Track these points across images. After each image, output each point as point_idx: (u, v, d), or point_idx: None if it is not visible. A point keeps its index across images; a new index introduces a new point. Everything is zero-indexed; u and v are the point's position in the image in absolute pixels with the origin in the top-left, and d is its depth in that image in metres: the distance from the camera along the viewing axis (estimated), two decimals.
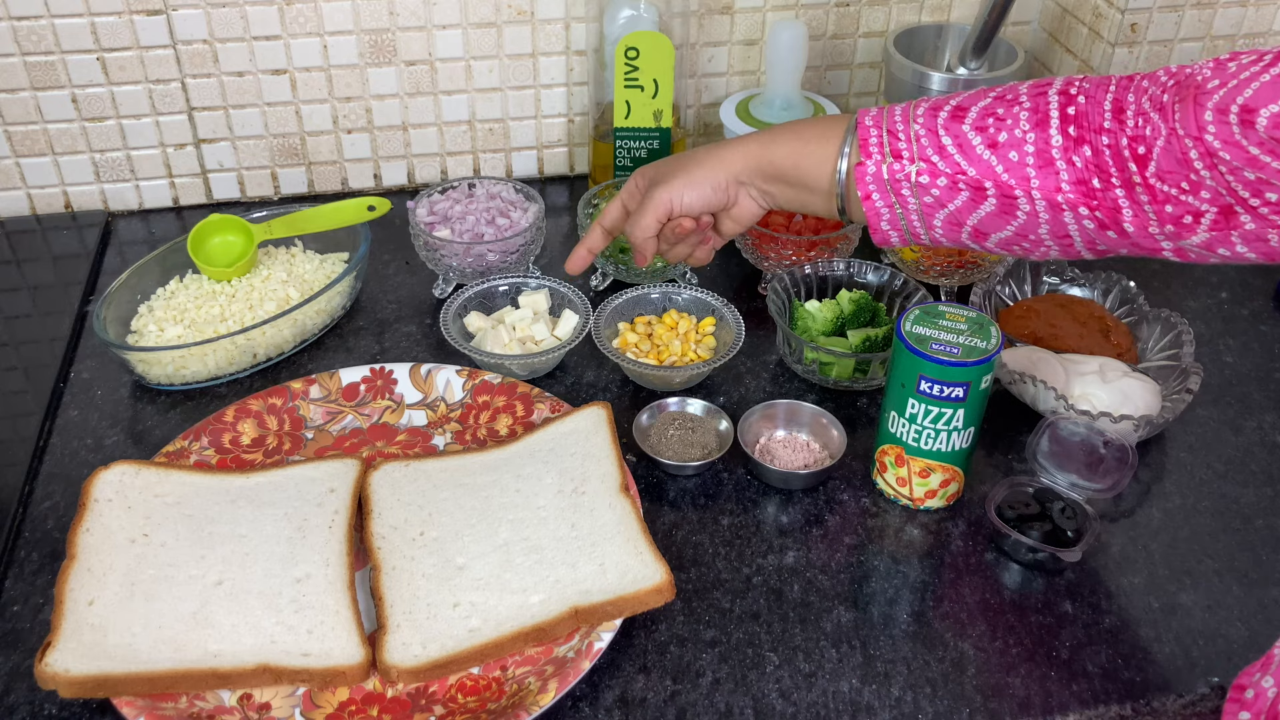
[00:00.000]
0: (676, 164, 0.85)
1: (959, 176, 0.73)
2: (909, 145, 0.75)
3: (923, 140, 0.74)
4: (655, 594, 0.72)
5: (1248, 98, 0.62)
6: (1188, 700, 0.72)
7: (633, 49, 1.06)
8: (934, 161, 0.74)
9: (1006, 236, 0.75)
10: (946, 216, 0.76)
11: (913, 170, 0.75)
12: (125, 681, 0.67)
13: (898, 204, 0.76)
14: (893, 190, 0.76)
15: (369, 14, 1.10)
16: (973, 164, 0.73)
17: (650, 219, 0.84)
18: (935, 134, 0.74)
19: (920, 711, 0.71)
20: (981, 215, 0.75)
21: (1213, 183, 0.65)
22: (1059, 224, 0.73)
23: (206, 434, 0.86)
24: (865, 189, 0.77)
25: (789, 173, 0.81)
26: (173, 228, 1.15)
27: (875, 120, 0.77)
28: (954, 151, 0.73)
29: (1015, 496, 0.82)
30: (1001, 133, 0.72)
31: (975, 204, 0.74)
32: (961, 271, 1.02)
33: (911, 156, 0.75)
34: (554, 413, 0.88)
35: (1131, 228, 0.70)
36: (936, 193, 0.75)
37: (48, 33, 1.05)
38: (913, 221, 0.77)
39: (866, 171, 0.76)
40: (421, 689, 0.71)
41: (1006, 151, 0.72)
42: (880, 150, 0.76)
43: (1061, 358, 0.91)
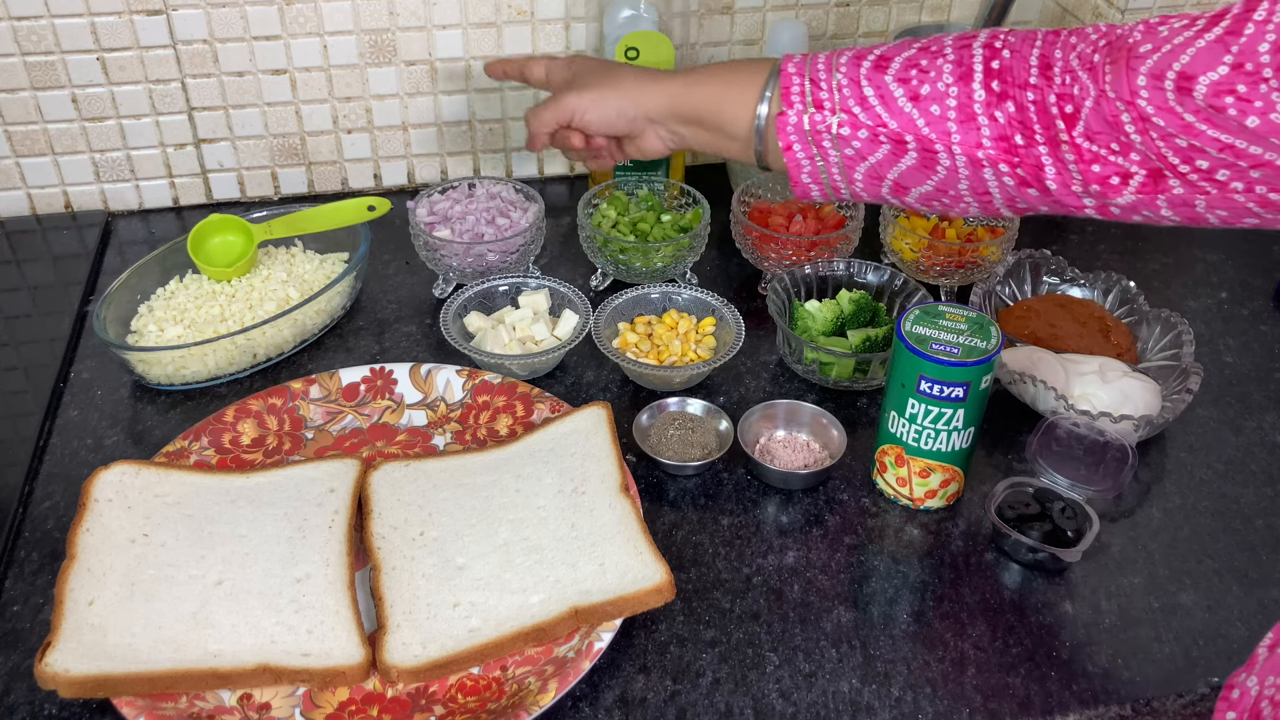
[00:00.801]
0: (601, 76, 0.85)
1: (880, 129, 0.73)
2: (830, 95, 0.74)
3: (845, 90, 0.73)
4: (655, 594, 0.72)
5: (1184, 64, 0.61)
6: (1188, 700, 0.72)
7: (633, 49, 1.06)
8: (855, 113, 0.73)
9: (927, 191, 0.75)
10: (867, 170, 0.75)
11: (834, 121, 0.74)
12: (125, 681, 0.67)
13: (818, 155, 0.76)
14: (814, 141, 0.75)
15: (369, 14, 1.10)
16: (894, 116, 0.72)
17: (549, 117, 0.86)
18: (858, 84, 0.73)
19: (920, 711, 0.71)
20: (902, 169, 0.74)
21: (1143, 147, 0.65)
22: (979, 180, 0.72)
23: (206, 434, 0.86)
24: (786, 139, 0.76)
25: (707, 117, 0.80)
26: (173, 228, 1.15)
27: (798, 67, 0.76)
28: (875, 103, 0.73)
29: (1015, 496, 0.82)
30: (924, 85, 0.71)
31: (896, 158, 0.73)
32: (961, 271, 1.02)
33: (833, 107, 0.74)
34: (554, 413, 0.88)
35: (1054, 185, 0.70)
36: (857, 145, 0.74)
37: (48, 33, 1.05)
38: (833, 174, 0.77)
39: (788, 121, 0.75)
40: (421, 689, 0.71)
41: (928, 105, 0.71)
42: (802, 100, 0.75)
43: (1061, 358, 0.91)
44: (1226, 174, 0.63)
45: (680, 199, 1.10)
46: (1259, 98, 0.59)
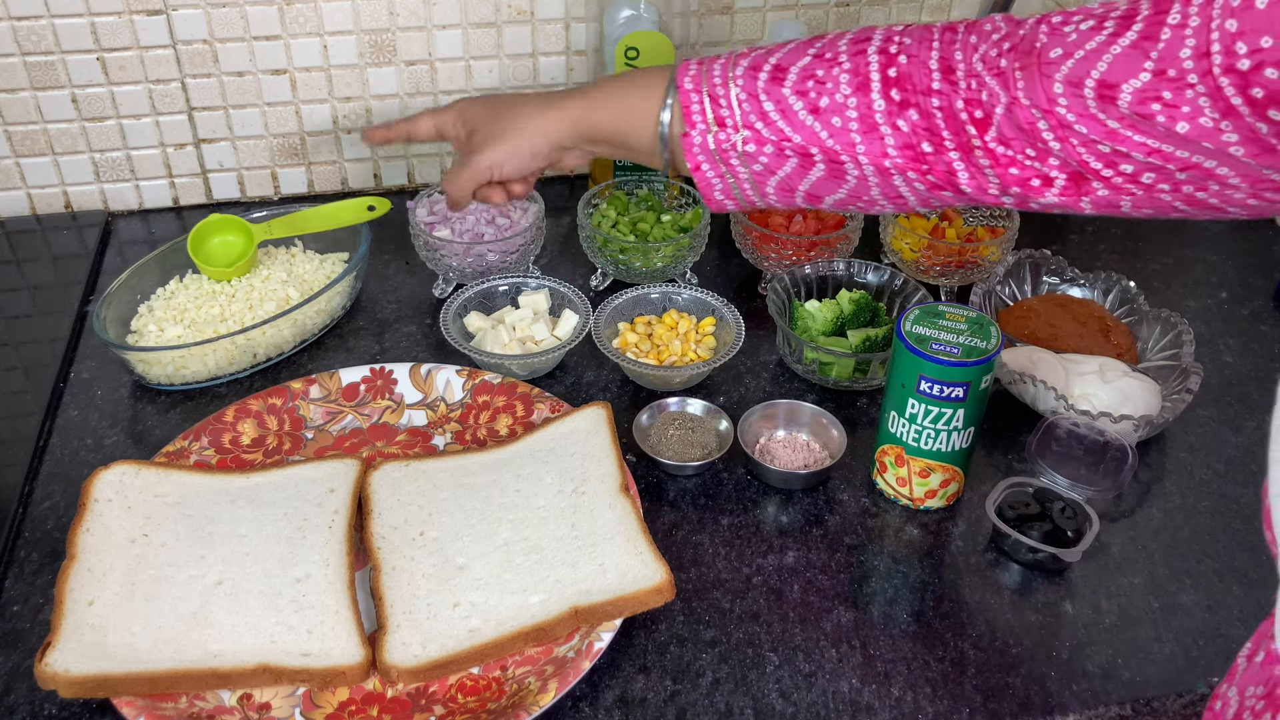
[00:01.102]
0: (500, 122, 0.84)
1: (785, 143, 0.72)
2: (731, 112, 0.73)
3: (745, 106, 0.72)
4: (655, 594, 0.72)
5: (1103, 72, 0.61)
6: (1188, 700, 0.72)
7: (633, 49, 1.06)
8: (758, 129, 0.72)
9: (840, 198, 0.75)
10: (778, 183, 0.74)
11: (738, 139, 0.73)
12: (125, 681, 0.67)
13: (728, 173, 0.75)
14: (721, 160, 0.74)
15: (369, 14, 1.10)
16: (797, 130, 0.71)
17: (467, 181, 0.85)
18: (756, 99, 0.72)
19: (920, 711, 0.71)
20: (812, 180, 0.73)
21: (1062, 153, 0.64)
22: (889, 187, 0.72)
23: (206, 434, 0.86)
24: (694, 159, 0.75)
25: (612, 136, 0.80)
26: (173, 228, 1.15)
27: (695, 82, 0.74)
28: (777, 117, 0.72)
29: (1015, 496, 0.82)
30: (823, 97, 0.70)
31: (805, 170, 0.73)
32: (961, 271, 1.02)
33: (735, 124, 0.73)
34: (554, 413, 0.88)
35: (969, 189, 0.69)
36: (765, 160, 0.73)
37: (48, 33, 1.05)
38: (745, 189, 0.76)
39: (693, 142, 0.74)
40: (421, 689, 0.71)
41: (829, 117, 0.70)
42: (704, 118, 0.74)
43: (1061, 358, 0.91)
44: (1152, 177, 0.63)
45: (680, 199, 1.10)
46: (1186, 103, 0.58)
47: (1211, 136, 0.59)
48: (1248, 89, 0.56)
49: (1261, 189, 0.61)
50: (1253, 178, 0.60)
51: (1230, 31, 0.55)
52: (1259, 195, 0.62)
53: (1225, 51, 0.56)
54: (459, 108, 0.88)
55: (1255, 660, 0.55)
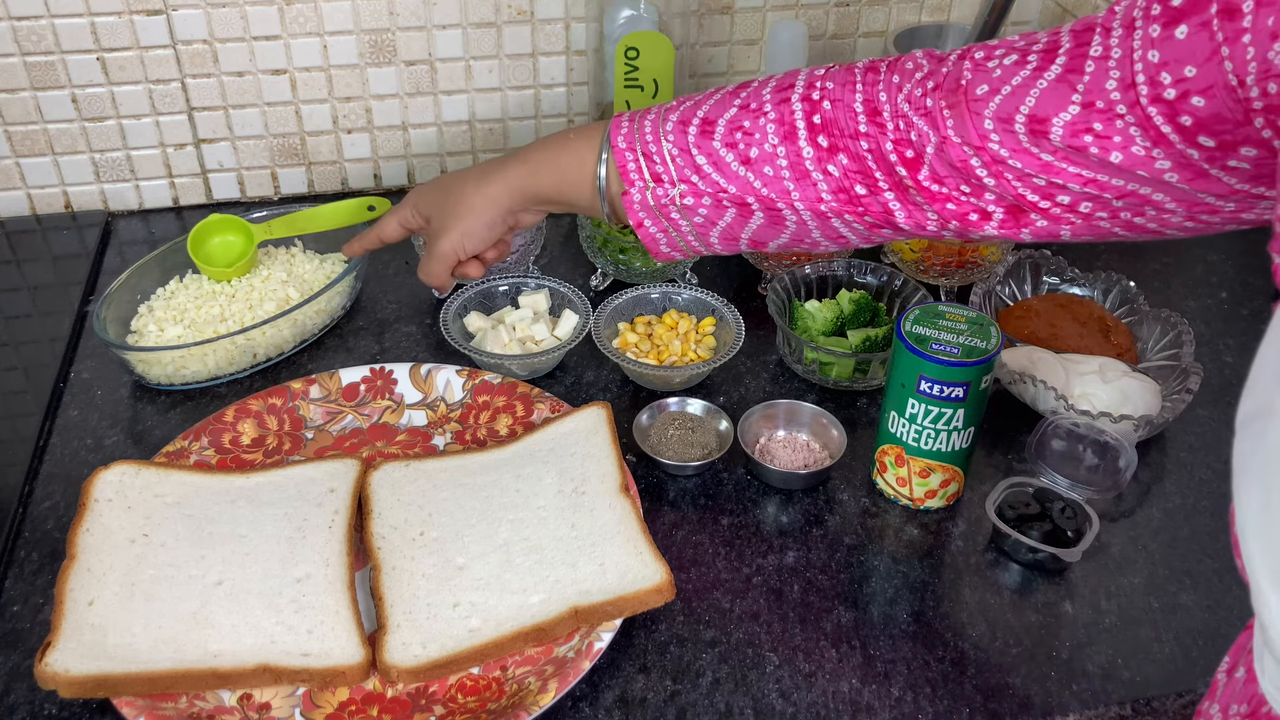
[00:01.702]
0: (449, 206, 0.85)
1: (721, 195, 0.72)
2: (666, 167, 0.74)
3: (678, 161, 0.73)
4: (655, 594, 0.72)
5: (1032, 107, 0.61)
6: (1188, 700, 0.72)
7: (633, 49, 1.06)
8: (694, 182, 0.73)
9: (784, 242, 0.75)
10: (720, 232, 0.76)
11: (675, 194, 0.74)
12: (125, 681, 0.67)
13: (670, 227, 0.76)
14: (662, 215, 0.75)
15: (369, 14, 1.10)
16: (731, 181, 0.72)
17: (440, 270, 0.86)
18: (689, 153, 0.73)
19: (920, 711, 0.71)
20: (753, 228, 0.74)
21: (997, 188, 0.65)
22: (829, 229, 0.72)
23: (206, 434, 0.86)
24: (636, 217, 0.76)
25: (555, 198, 0.81)
26: (173, 228, 1.15)
27: (629, 140, 0.75)
28: (710, 170, 0.72)
29: (1015, 496, 0.82)
30: (752, 148, 0.71)
31: (744, 219, 0.74)
32: (961, 271, 1.02)
33: (671, 179, 0.74)
34: (554, 413, 0.88)
35: (907, 225, 0.70)
36: (704, 212, 0.74)
37: (48, 33, 1.05)
38: (690, 241, 0.77)
39: (632, 200, 0.75)
40: (421, 689, 0.71)
41: (761, 166, 0.71)
42: (640, 175, 0.75)
43: (1061, 358, 0.91)
44: (1090, 206, 0.63)
45: None
46: (1117, 133, 0.58)
47: (1145, 165, 0.59)
48: (1176, 117, 0.56)
49: (1197, 212, 0.62)
50: (1188, 201, 0.61)
51: (1153, 62, 0.56)
52: (1194, 218, 0.62)
53: (1150, 82, 0.56)
54: (412, 201, 0.89)
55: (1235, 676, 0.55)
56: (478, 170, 0.85)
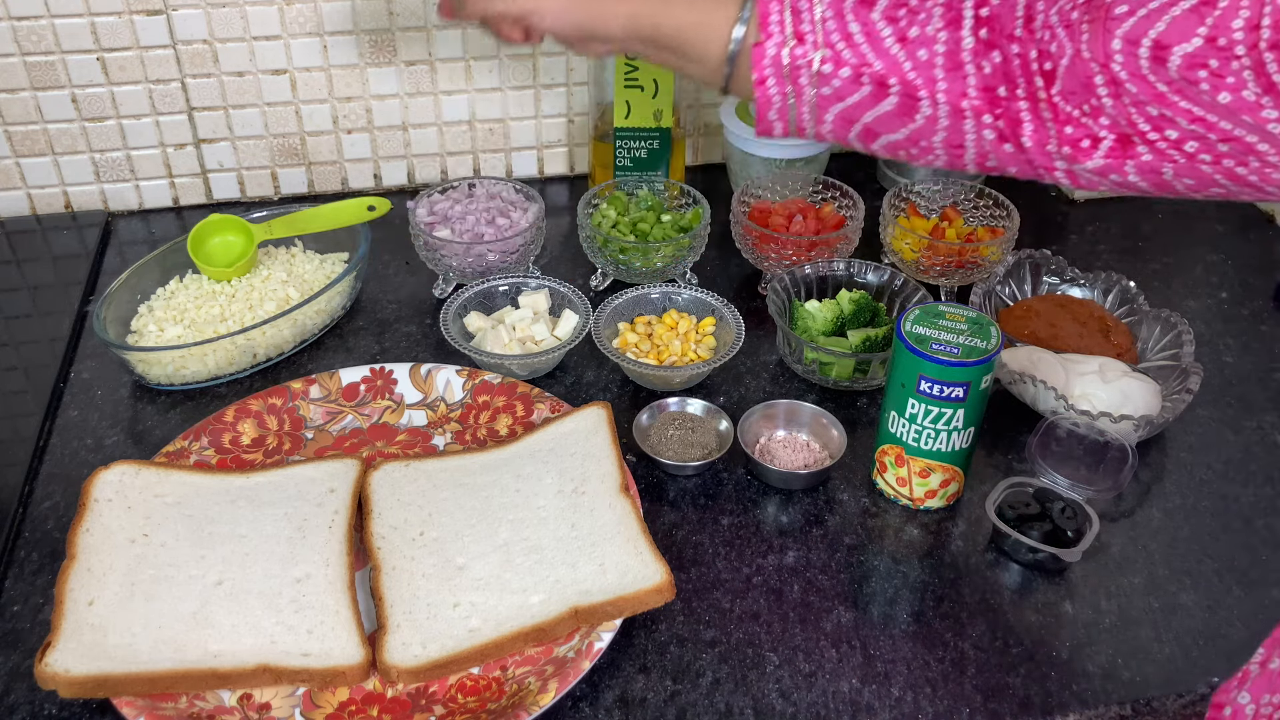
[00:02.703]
0: None
1: (864, 69, 0.69)
2: (813, 28, 0.69)
3: (829, 24, 0.69)
4: (655, 594, 0.72)
5: (1160, 32, 0.60)
6: (1188, 700, 0.72)
7: None
8: (839, 49, 0.69)
9: (896, 140, 0.72)
10: (841, 111, 0.71)
11: (816, 57, 0.70)
12: (125, 681, 0.67)
13: (792, 93, 0.72)
14: (790, 78, 0.71)
15: (369, 14, 1.10)
16: (880, 57, 0.69)
17: (501, 5, 0.78)
18: (842, 18, 0.69)
19: (920, 711, 0.71)
20: (878, 114, 0.71)
21: (1114, 111, 0.63)
22: (957, 132, 0.70)
23: (206, 434, 0.86)
24: (761, 72, 0.71)
25: (673, 41, 0.75)
26: (173, 228, 1.15)
27: None
28: (861, 40, 0.69)
29: (1015, 496, 0.82)
30: (913, 27, 0.68)
31: (875, 101, 0.70)
32: (961, 271, 1.02)
33: (815, 41, 0.69)
34: (554, 413, 0.88)
35: (1030, 143, 0.68)
36: (837, 84, 0.70)
37: (48, 33, 1.05)
38: (803, 113, 0.73)
39: (765, 53, 0.71)
40: (421, 689, 0.71)
41: (916, 49, 0.68)
42: (781, 29, 0.70)
43: (1061, 358, 0.91)
44: (1195, 145, 0.62)
45: (680, 199, 1.10)
46: (1231, 74, 0.57)
47: (1251, 110, 0.58)
48: None
49: None
50: None
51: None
52: None
53: (1275, 26, 0.55)
54: None
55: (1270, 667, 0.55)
56: None
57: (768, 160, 1.13)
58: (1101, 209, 1.21)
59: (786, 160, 1.13)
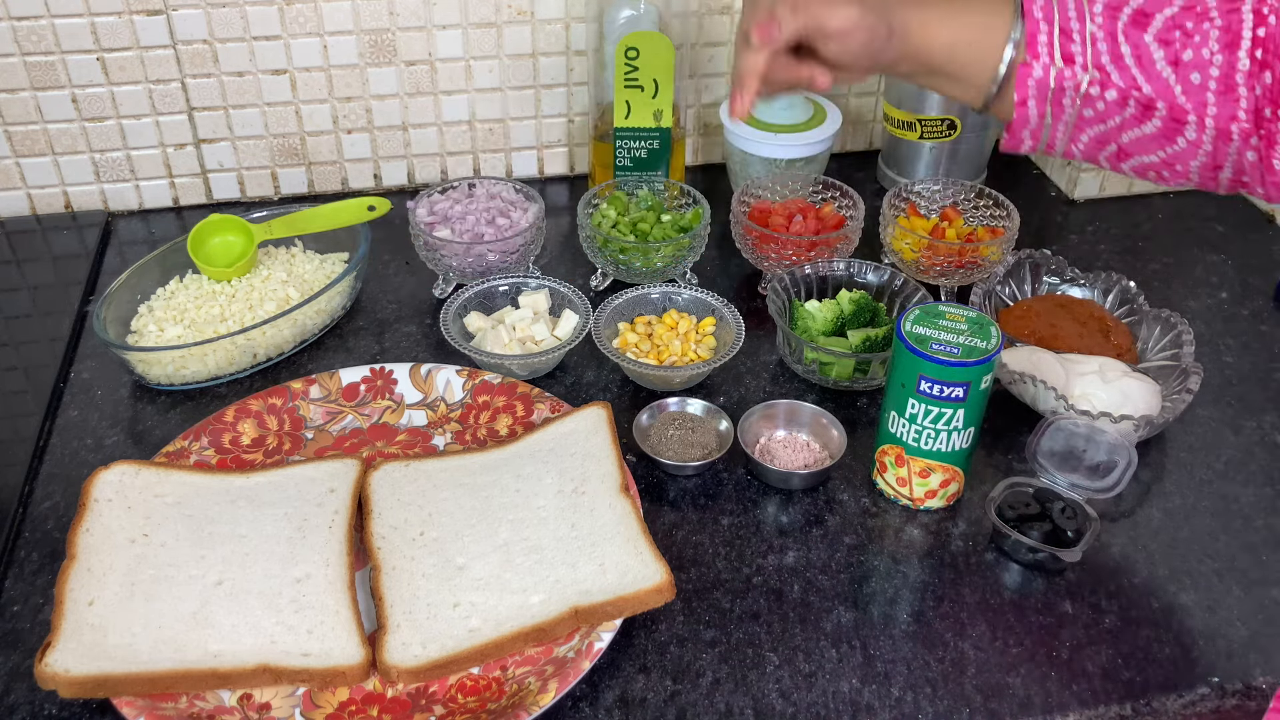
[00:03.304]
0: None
1: (1132, 92, 0.67)
2: (1084, 49, 0.68)
3: (1100, 45, 0.68)
4: (655, 594, 0.72)
5: None
6: (1188, 700, 0.72)
7: (633, 49, 1.06)
8: (1108, 71, 0.67)
9: (1150, 162, 0.71)
10: (1098, 134, 0.70)
11: (1084, 80, 0.68)
12: (125, 681, 0.67)
13: (1051, 114, 0.70)
14: (1053, 100, 0.70)
15: (369, 14, 1.10)
16: (1150, 80, 0.67)
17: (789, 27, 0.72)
18: (1114, 39, 0.67)
19: (920, 711, 0.71)
20: (1137, 136, 0.69)
21: None
22: (1220, 154, 0.68)
23: (206, 434, 0.86)
24: (1024, 93, 0.70)
25: (941, 64, 0.73)
26: (173, 228, 1.15)
27: (1045, 12, 0.69)
28: (1132, 63, 0.67)
29: (1015, 496, 0.82)
30: (1187, 50, 0.66)
31: (1138, 123, 0.69)
32: (961, 271, 1.02)
33: (1085, 63, 0.68)
34: (554, 413, 0.88)
35: None
36: (1101, 106, 0.69)
37: (48, 33, 1.05)
38: (1057, 133, 0.71)
39: (1031, 75, 0.69)
40: (421, 689, 0.71)
41: (1189, 72, 0.66)
42: (1050, 52, 0.69)
43: (1061, 358, 0.91)
44: None
45: (680, 199, 1.10)
46: None
47: None
48: None
49: None
50: None
51: None
52: None
53: None
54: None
55: None
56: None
57: (768, 160, 1.13)
58: (1101, 209, 1.21)
59: (786, 160, 1.13)
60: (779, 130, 1.12)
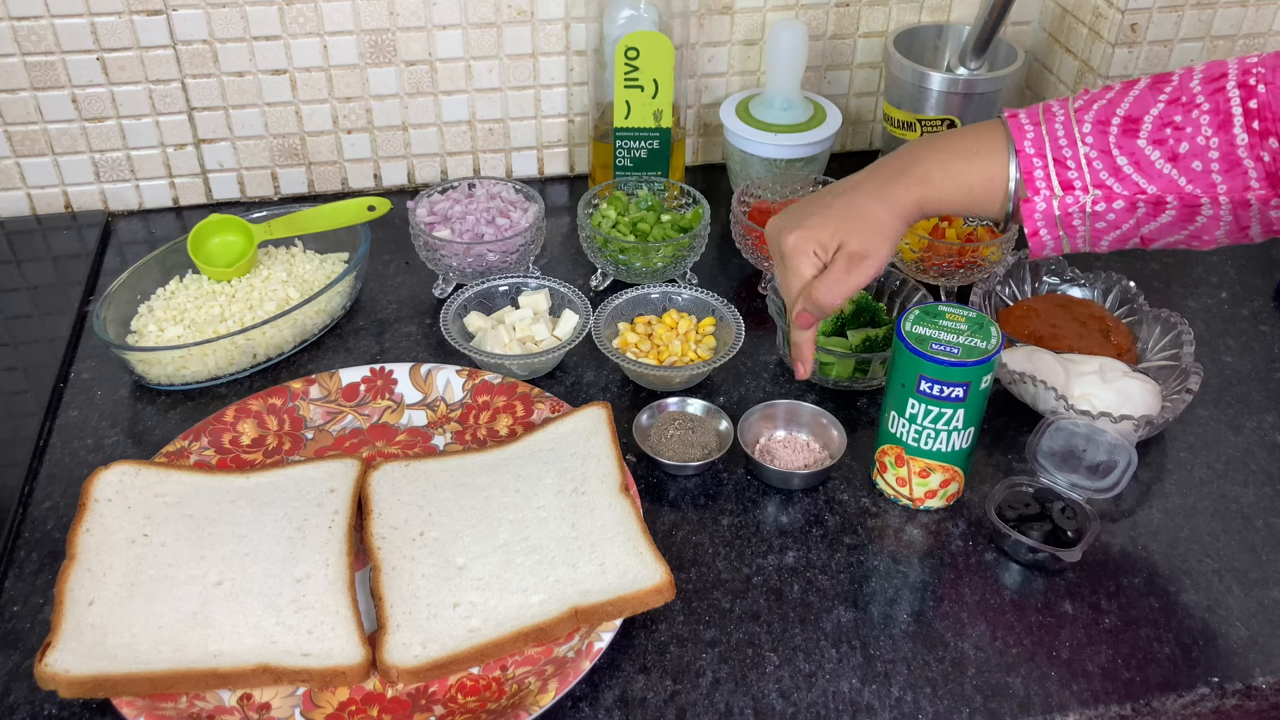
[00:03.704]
0: (864, 228, 0.76)
1: (1138, 196, 0.70)
2: (1080, 173, 0.71)
3: (1095, 165, 0.70)
4: (655, 594, 0.72)
5: None
6: (1188, 700, 0.72)
7: (633, 49, 1.06)
8: (1110, 186, 0.70)
9: (1177, 239, 0.73)
10: (1117, 236, 0.73)
11: (1087, 201, 0.71)
12: (125, 681, 0.67)
13: (1066, 235, 0.73)
14: (1063, 223, 0.73)
15: (369, 14, 1.10)
16: (1153, 181, 0.69)
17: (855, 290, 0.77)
18: (1109, 154, 0.70)
19: (920, 711, 0.71)
20: (1156, 225, 0.71)
21: None
22: (1243, 220, 0.70)
23: (206, 434, 0.86)
24: (1033, 225, 0.73)
25: (956, 210, 0.77)
26: (173, 228, 1.15)
27: (1037, 146, 0.72)
28: (1131, 171, 0.69)
29: (1015, 496, 0.82)
30: (1182, 143, 0.68)
31: (1153, 217, 0.71)
32: (961, 271, 1.02)
33: (1085, 185, 0.71)
34: (554, 413, 0.88)
35: None
36: (1112, 217, 0.71)
37: (48, 33, 1.05)
38: (1077, 243, 0.74)
39: (1035, 209, 0.72)
40: (421, 689, 0.71)
41: (1189, 162, 0.68)
42: (1048, 184, 0.71)
43: (1061, 358, 0.91)
44: None
45: (680, 199, 1.10)
46: None
47: None
48: None
49: None
50: None
51: None
52: None
53: None
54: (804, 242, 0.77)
55: None
56: (864, 186, 0.78)
57: (768, 160, 1.13)
58: None
59: (786, 160, 1.13)
60: (779, 130, 1.12)
